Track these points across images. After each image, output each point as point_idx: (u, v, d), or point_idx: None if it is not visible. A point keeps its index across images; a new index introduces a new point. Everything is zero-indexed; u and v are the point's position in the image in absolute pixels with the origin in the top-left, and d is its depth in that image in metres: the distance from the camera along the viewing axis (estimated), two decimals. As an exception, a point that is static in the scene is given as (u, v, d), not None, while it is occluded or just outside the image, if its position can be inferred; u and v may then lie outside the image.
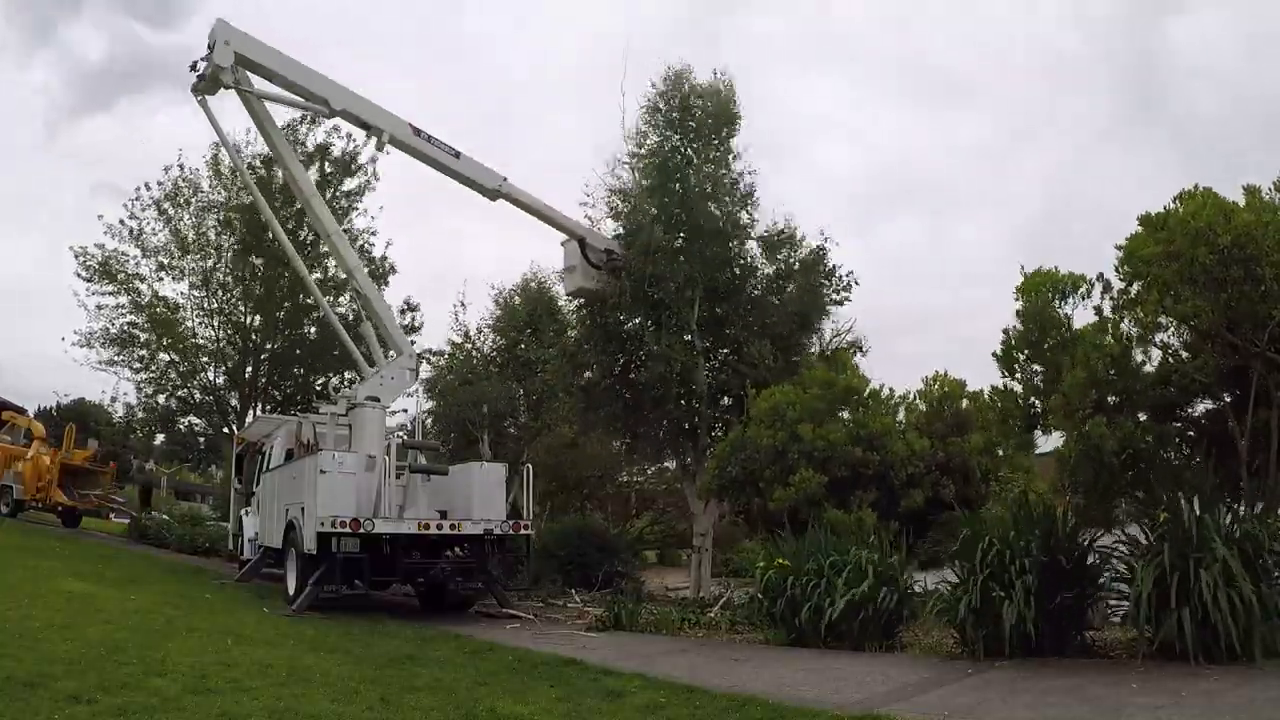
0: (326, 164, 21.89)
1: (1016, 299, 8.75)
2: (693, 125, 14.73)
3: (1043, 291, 8.53)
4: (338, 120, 20.90)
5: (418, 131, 13.05)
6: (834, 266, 15.04)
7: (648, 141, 15.02)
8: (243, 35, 11.93)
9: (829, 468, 11.04)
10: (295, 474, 11.50)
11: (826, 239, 15.09)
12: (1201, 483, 6.54)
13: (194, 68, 12.03)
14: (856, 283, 15.06)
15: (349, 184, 22.58)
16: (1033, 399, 8.95)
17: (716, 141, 14.84)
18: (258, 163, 21.32)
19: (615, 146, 16.43)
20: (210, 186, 22.16)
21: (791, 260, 15.14)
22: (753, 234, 15.11)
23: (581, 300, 15.49)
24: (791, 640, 7.93)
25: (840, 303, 15.21)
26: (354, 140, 22.20)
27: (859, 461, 11.07)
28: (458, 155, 13.35)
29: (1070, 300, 8.58)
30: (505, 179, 13.74)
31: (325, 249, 19.15)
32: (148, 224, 21.73)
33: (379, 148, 12.92)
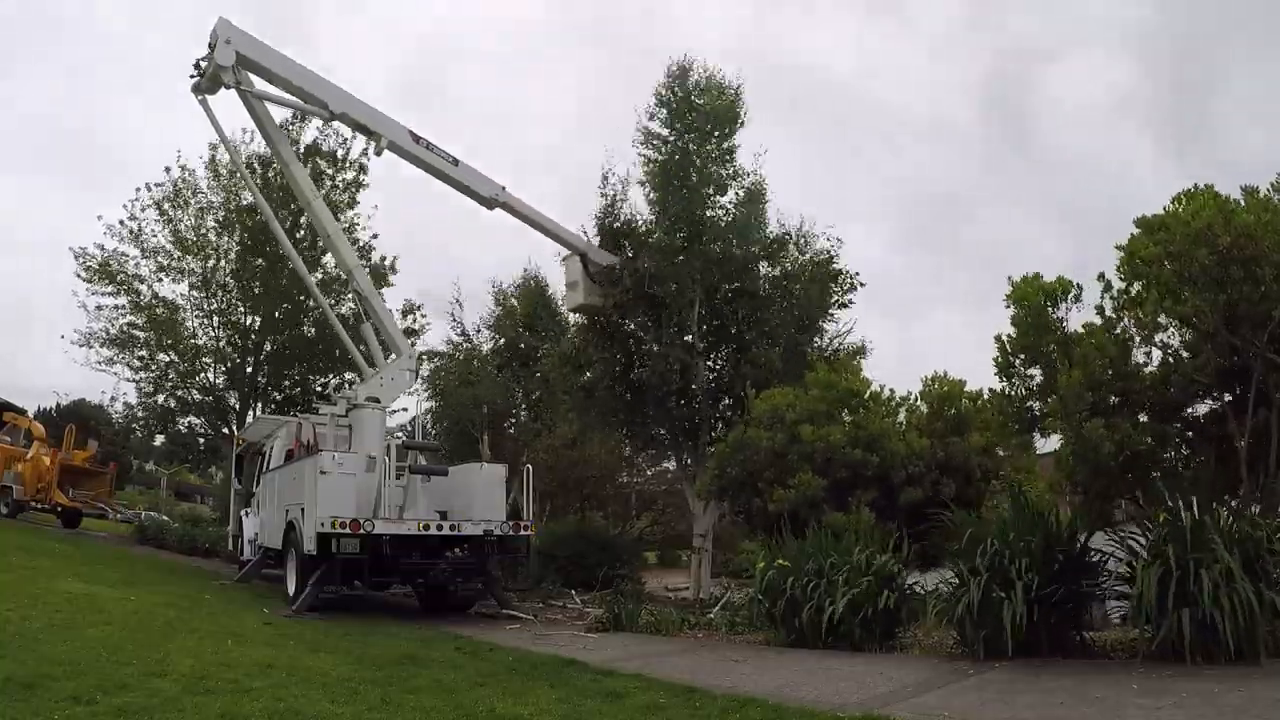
0: (320, 161, 21.88)
1: (1008, 306, 8.75)
2: (695, 121, 14.66)
3: (1034, 297, 8.53)
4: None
5: (417, 138, 13.02)
6: (843, 270, 15.12)
7: (653, 139, 14.95)
8: (245, 35, 11.91)
9: (829, 469, 11.03)
10: (295, 475, 11.50)
11: (831, 241, 15.13)
12: (1201, 483, 6.55)
13: (197, 66, 12.02)
14: (862, 284, 15.17)
15: (342, 178, 22.60)
16: (1029, 402, 8.95)
17: (718, 137, 14.78)
18: (256, 163, 21.32)
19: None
20: (209, 187, 22.18)
21: (799, 264, 15.13)
22: (754, 235, 15.09)
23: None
24: (791, 641, 7.93)
25: (846, 304, 15.27)
26: (344, 136, 22.28)
27: (858, 463, 11.07)
28: (456, 163, 13.32)
29: (1063, 304, 8.58)
30: (504, 187, 13.71)
31: (324, 248, 19.17)
32: (147, 224, 21.77)
33: (377, 152, 12.85)
